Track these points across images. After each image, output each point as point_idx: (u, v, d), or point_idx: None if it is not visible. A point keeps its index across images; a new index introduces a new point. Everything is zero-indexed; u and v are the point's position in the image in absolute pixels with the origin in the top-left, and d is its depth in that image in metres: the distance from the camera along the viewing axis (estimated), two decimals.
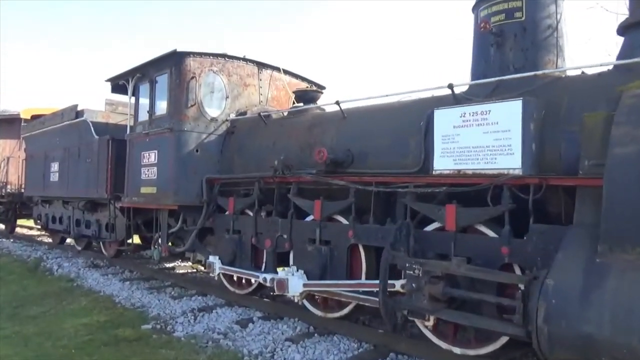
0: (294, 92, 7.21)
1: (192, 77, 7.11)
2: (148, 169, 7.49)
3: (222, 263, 6.63)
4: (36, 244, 13.27)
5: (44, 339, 5.39)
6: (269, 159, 6.52)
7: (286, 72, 8.32)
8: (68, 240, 12.31)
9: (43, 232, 16.61)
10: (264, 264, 6.40)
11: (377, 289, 4.59)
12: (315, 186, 5.82)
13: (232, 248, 6.61)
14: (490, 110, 4.24)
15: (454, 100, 4.80)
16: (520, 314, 3.41)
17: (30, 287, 8.17)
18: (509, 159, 4.05)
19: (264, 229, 6.23)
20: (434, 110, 4.70)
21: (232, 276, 6.91)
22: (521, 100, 4.04)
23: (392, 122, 5.31)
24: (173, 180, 6.99)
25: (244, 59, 7.76)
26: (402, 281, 4.36)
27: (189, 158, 7.04)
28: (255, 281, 6.44)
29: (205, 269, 8.16)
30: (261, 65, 7.99)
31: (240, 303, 6.57)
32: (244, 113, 7.53)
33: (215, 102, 7.38)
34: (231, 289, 6.91)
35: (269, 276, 5.75)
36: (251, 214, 6.56)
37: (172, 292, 7.45)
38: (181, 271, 9.45)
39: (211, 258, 6.73)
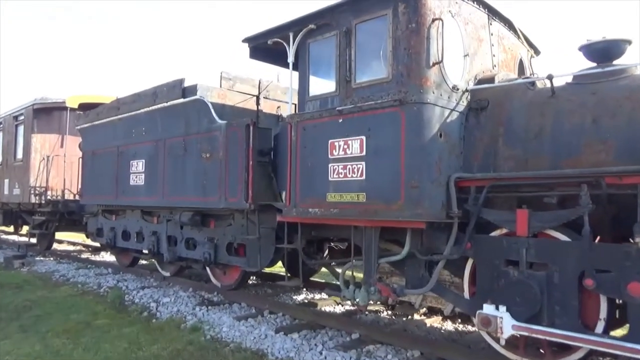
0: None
1: (435, 20, 4.52)
2: (345, 166, 4.87)
3: (515, 318, 4.03)
4: (91, 264, 10.49)
5: None
6: (589, 145, 4.01)
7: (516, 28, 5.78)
8: (142, 262, 9.63)
9: (83, 247, 13.91)
10: (602, 321, 3.84)
11: None
12: None
13: (531, 294, 4.01)
14: None
15: None
16: None
17: (142, 341, 5.47)
18: None
19: (617, 266, 3.65)
20: None
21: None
22: None
23: None
24: (409, 181, 4.39)
25: (477, 0, 5.20)
26: None
27: (432, 147, 4.45)
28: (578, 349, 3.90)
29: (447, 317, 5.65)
30: (492, 14, 5.43)
31: None
32: (490, 80, 4.96)
33: (454, 62, 4.80)
34: (509, 355, 4.31)
35: None
36: (562, 236, 4.01)
37: (387, 356, 4.81)
38: (327, 308, 6.81)
39: (488, 309, 4.12)
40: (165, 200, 7.38)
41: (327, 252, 7.03)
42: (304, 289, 7.86)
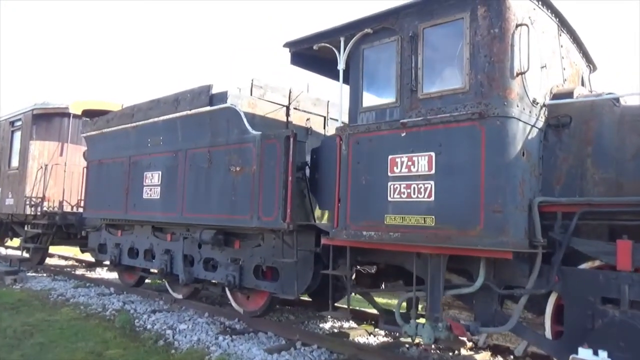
0: None
1: (519, 26, 4.08)
2: (409, 185, 4.35)
3: None
4: (90, 282, 9.71)
5: None
6: None
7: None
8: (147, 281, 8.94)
9: (76, 262, 13.13)
10: None
11: None
12: None
13: (639, 338, 3.51)
14: None
15: None
16: None
17: None
18: None
19: None
20: None
21: None
22: None
23: None
24: (490, 205, 3.88)
25: (548, 5, 4.78)
26: None
27: (516, 167, 3.96)
28: None
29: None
30: (561, 25, 5.02)
31: None
32: (568, 94, 4.52)
33: (533, 73, 4.34)
34: None
35: None
36: None
37: None
38: (360, 339, 6.21)
39: (585, 353, 3.59)
40: (185, 217, 6.76)
41: (353, 276, 6.48)
42: (329, 317, 7.25)
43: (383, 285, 6.68)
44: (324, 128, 7.44)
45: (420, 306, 5.22)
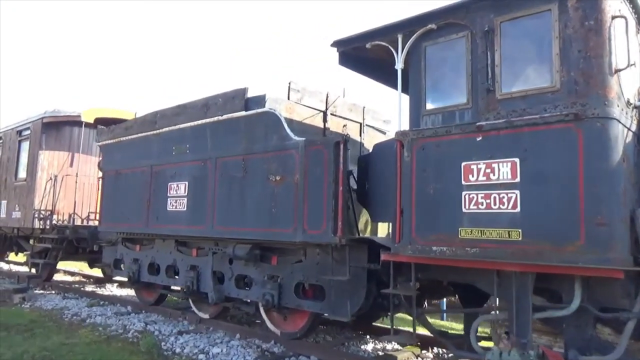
0: None
1: (615, 18, 3.68)
2: (488, 195, 3.91)
3: None
4: (104, 300, 9.14)
5: None
6: None
7: None
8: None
9: (83, 278, 12.57)
10: None
11: None
12: None
13: None
14: None
15: None
16: None
17: None
18: None
19: None
20: None
21: None
22: None
23: None
24: (592, 217, 3.43)
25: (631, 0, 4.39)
26: None
27: (618, 174, 3.52)
28: None
29: None
30: (639, 21, 4.62)
31: None
32: None
33: (625, 72, 3.93)
34: None
35: None
36: None
37: None
38: None
39: None
40: (216, 230, 6.27)
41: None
42: (369, 337, 6.75)
43: (426, 304, 6.25)
44: (360, 135, 7.01)
45: (479, 328, 4.76)
